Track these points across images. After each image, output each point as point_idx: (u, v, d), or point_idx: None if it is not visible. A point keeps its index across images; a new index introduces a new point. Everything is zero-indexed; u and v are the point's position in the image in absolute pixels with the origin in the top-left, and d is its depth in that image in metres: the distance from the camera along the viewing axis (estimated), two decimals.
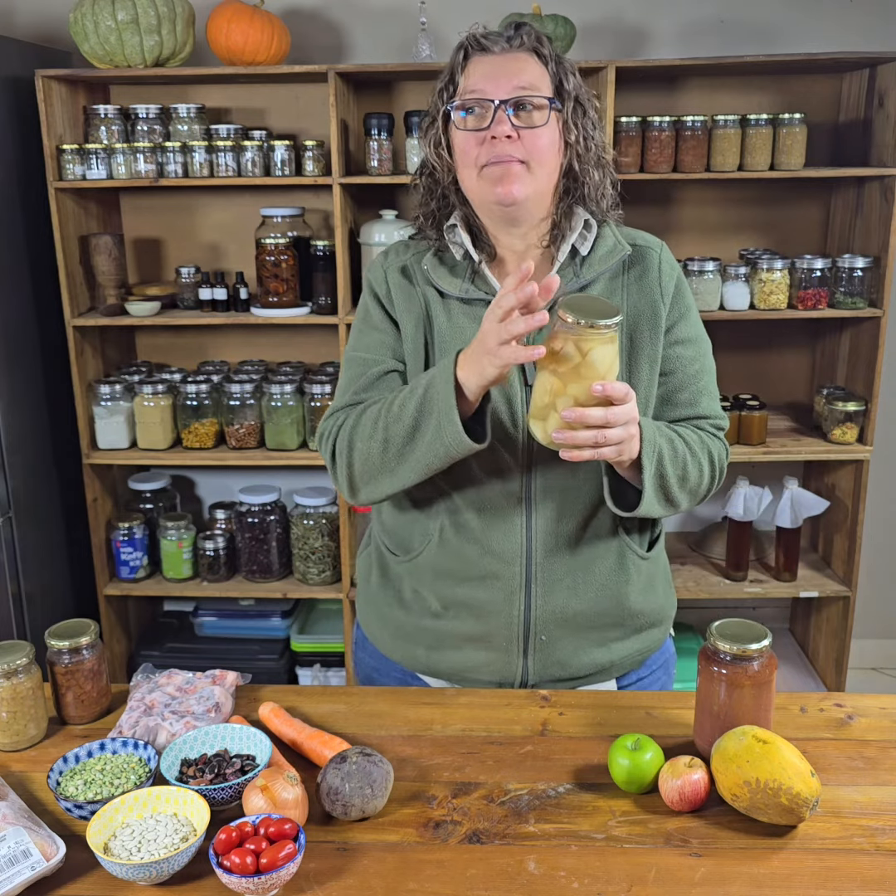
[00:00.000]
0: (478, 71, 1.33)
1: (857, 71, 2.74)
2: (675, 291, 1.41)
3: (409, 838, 1.14)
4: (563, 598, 1.43)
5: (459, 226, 1.41)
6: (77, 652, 1.36)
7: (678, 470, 1.34)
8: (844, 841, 1.13)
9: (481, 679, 1.48)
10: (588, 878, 1.07)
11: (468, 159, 1.33)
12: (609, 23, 2.85)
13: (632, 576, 1.46)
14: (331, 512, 2.90)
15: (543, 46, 1.34)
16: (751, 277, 2.70)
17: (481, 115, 1.32)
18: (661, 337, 1.39)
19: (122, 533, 2.91)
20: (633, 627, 1.49)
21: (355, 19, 2.87)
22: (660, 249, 1.43)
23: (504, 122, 1.29)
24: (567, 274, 1.38)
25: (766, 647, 1.20)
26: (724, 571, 2.95)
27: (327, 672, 3.05)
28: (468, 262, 1.40)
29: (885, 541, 3.23)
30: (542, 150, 1.32)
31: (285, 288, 2.73)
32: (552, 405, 1.18)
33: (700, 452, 1.39)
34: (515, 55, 1.33)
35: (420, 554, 1.46)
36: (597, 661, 1.47)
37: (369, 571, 1.57)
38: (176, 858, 1.05)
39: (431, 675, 1.52)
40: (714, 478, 1.42)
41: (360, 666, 1.64)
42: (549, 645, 1.44)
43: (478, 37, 1.34)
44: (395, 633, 1.52)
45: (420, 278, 1.42)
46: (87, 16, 2.54)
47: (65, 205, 2.67)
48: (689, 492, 1.38)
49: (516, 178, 1.30)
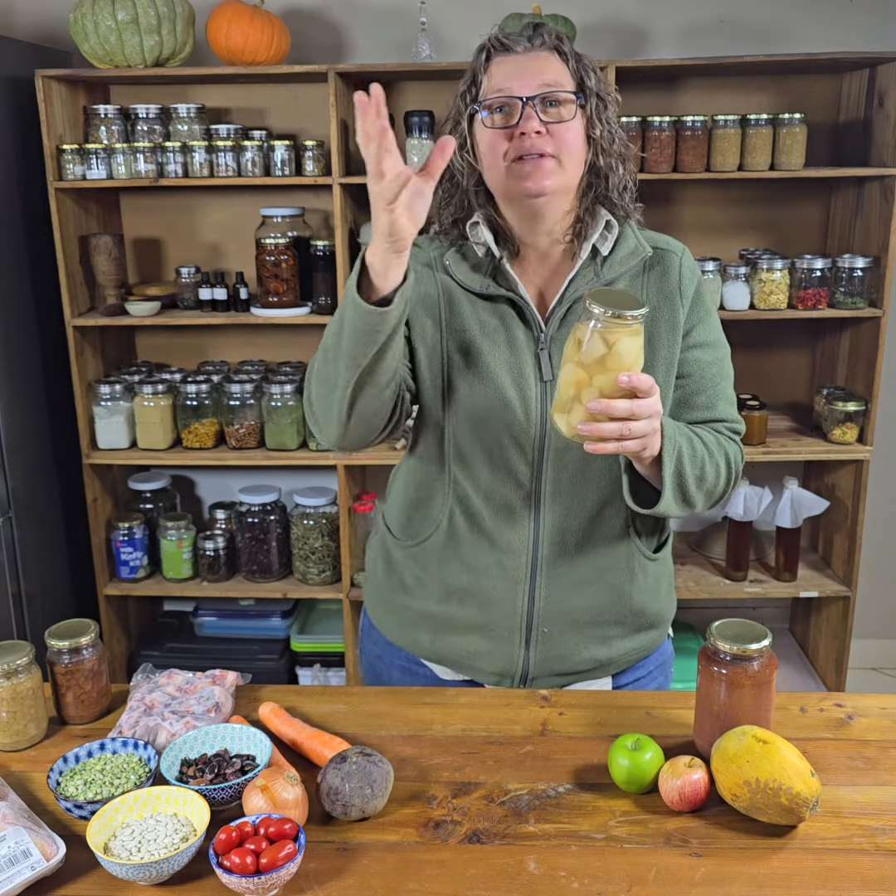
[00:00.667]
0: (501, 71, 1.34)
1: (857, 71, 2.74)
2: (695, 296, 1.42)
3: (409, 838, 1.14)
4: (566, 593, 1.43)
5: (482, 224, 1.41)
6: (77, 652, 1.36)
7: (696, 469, 1.34)
8: (844, 841, 1.13)
9: (483, 669, 1.48)
10: (588, 878, 1.07)
11: (496, 155, 1.33)
12: (609, 23, 2.85)
13: (637, 576, 1.46)
14: (331, 512, 2.90)
15: (564, 44, 1.35)
16: (751, 277, 2.70)
17: (508, 113, 1.32)
18: (678, 340, 1.40)
19: (122, 533, 2.91)
20: (634, 626, 1.49)
21: (355, 19, 2.87)
22: (681, 253, 1.43)
23: (532, 117, 1.30)
24: (588, 273, 1.39)
25: (766, 647, 1.20)
26: (724, 571, 2.95)
27: (327, 672, 3.05)
28: (489, 258, 1.41)
29: (885, 541, 3.23)
30: (571, 143, 1.32)
31: (285, 288, 2.73)
32: (577, 397, 1.18)
33: (717, 454, 1.39)
34: (537, 54, 1.34)
35: (427, 539, 1.47)
36: (596, 657, 1.48)
37: (377, 559, 1.59)
38: (176, 858, 1.05)
39: (436, 662, 1.53)
40: (730, 480, 1.42)
41: (365, 654, 1.65)
42: (551, 638, 1.45)
43: (500, 37, 1.35)
44: (401, 619, 1.53)
45: (441, 271, 1.43)
46: (87, 16, 2.54)
47: (65, 205, 2.67)
48: (705, 492, 1.38)
49: (547, 173, 1.31)
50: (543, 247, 1.40)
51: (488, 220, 1.41)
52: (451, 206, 1.43)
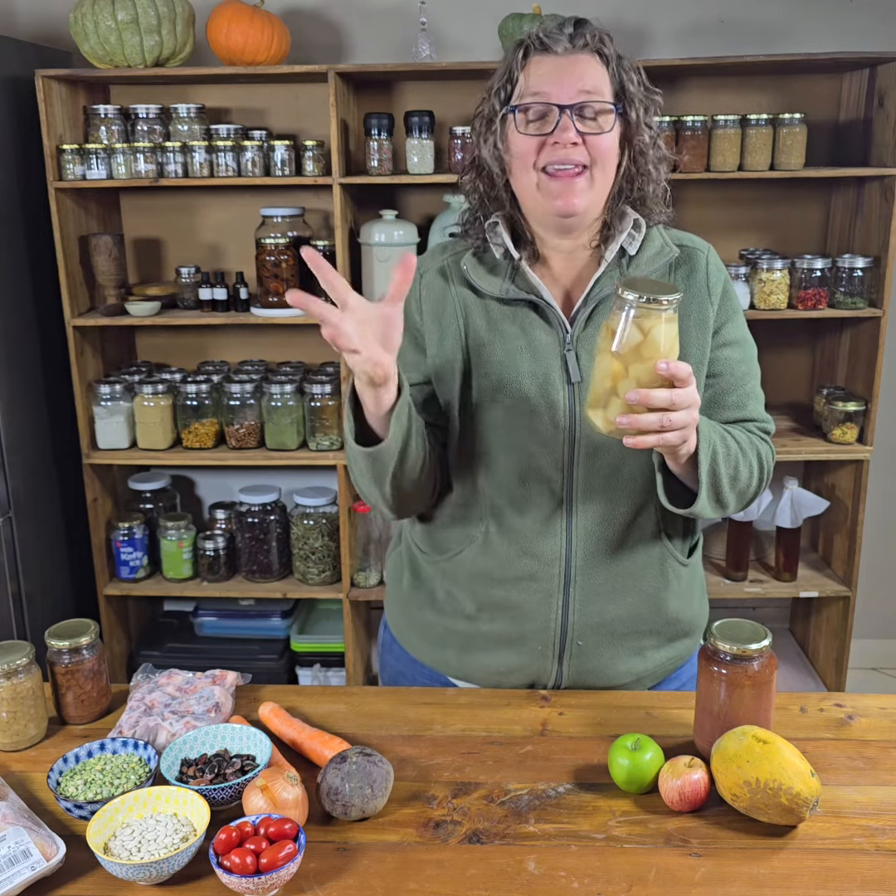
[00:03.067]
0: (539, 72, 1.29)
1: (857, 71, 2.74)
2: (723, 293, 1.39)
3: (409, 838, 1.14)
4: (601, 603, 1.40)
5: (501, 224, 1.38)
6: (77, 652, 1.36)
7: (730, 469, 1.31)
8: (844, 841, 1.13)
9: (514, 684, 1.46)
10: (588, 878, 1.07)
11: (527, 162, 1.30)
12: (609, 23, 2.82)
13: (671, 582, 1.44)
14: (331, 512, 2.90)
15: (606, 46, 1.31)
16: (751, 277, 2.70)
17: (544, 120, 1.29)
18: (708, 339, 1.37)
19: (122, 533, 2.90)
20: (668, 636, 1.46)
21: (355, 19, 2.87)
22: (706, 251, 1.41)
23: (569, 128, 1.26)
24: (614, 274, 1.36)
25: (766, 647, 1.20)
26: (724, 571, 2.95)
27: (327, 672, 3.05)
28: (508, 261, 1.38)
29: (885, 541, 3.22)
30: (605, 154, 1.29)
31: (285, 288, 2.73)
32: (613, 389, 1.15)
33: (750, 453, 1.36)
34: (578, 56, 1.29)
35: (458, 554, 1.44)
36: (632, 670, 1.45)
37: (401, 573, 1.55)
38: (176, 858, 1.05)
39: (463, 679, 1.50)
40: (762, 480, 1.39)
41: (386, 670, 1.62)
42: (586, 651, 1.42)
43: (540, 35, 1.29)
44: (425, 635, 1.50)
45: (457, 279, 1.40)
46: (87, 16, 2.54)
47: (65, 205, 2.67)
48: (738, 493, 1.35)
49: (578, 192, 1.28)
50: (567, 250, 1.38)
51: (508, 220, 1.38)
52: (487, 200, 1.39)
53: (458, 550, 1.44)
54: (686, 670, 1.53)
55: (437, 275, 1.41)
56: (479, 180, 1.38)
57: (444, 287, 1.40)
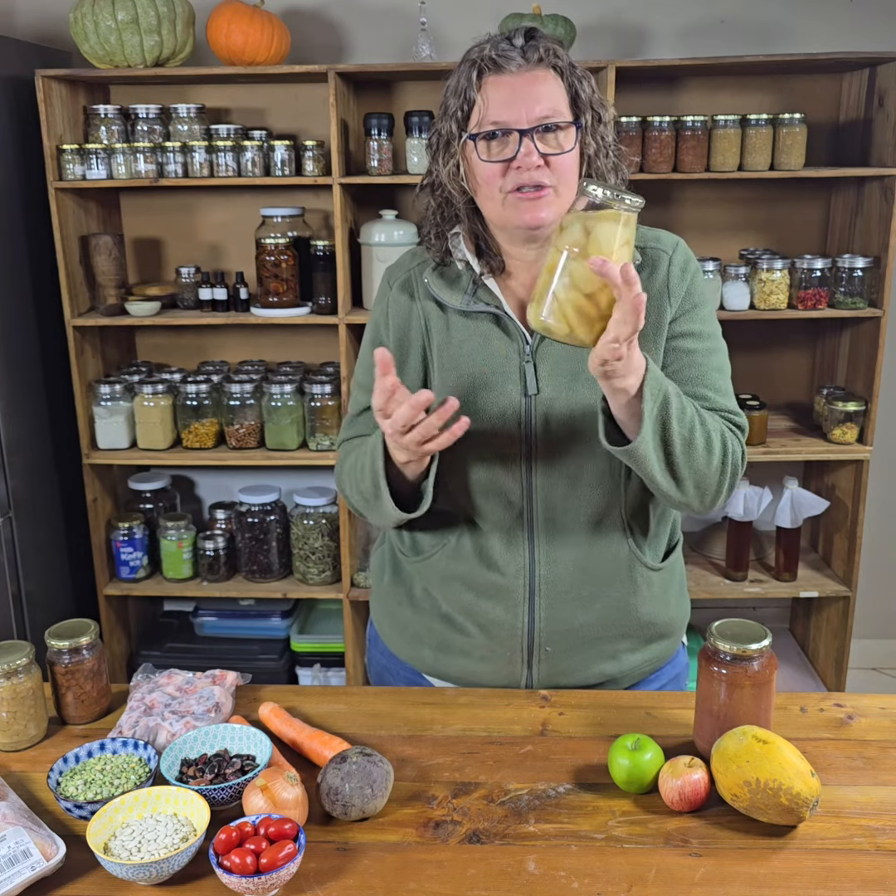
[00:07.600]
0: (497, 97, 1.27)
1: (857, 71, 2.74)
2: (687, 290, 1.37)
3: (409, 838, 1.14)
4: (568, 611, 1.41)
5: (462, 236, 1.39)
6: (77, 652, 1.36)
7: (684, 430, 1.24)
8: (844, 841, 1.13)
9: (487, 685, 1.47)
10: (588, 878, 1.07)
11: (492, 188, 1.29)
12: (609, 23, 2.85)
13: (640, 587, 1.43)
14: (331, 512, 2.90)
15: (560, 59, 1.29)
16: (751, 277, 2.70)
17: (505, 144, 1.28)
18: (663, 340, 1.36)
19: (122, 533, 2.90)
20: (644, 638, 1.46)
21: (355, 19, 2.87)
22: (672, 251, 1.38)
23: (531, 152, 1.26)
24: None
25: (766, 647, 1.20)
26: (724, 571, 2.95)
27: (327, 672, 3.05)
28: (470, 273, 1.39)
29: (885, 541, 3.23)
30: (569, 171, 1.30)
31: (285, 288, 2.73)
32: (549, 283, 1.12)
33: (713, 431, 1.29)
34: (533, 74, 1.27)
35: (431, 556, 1.46)
36: (605, 672, 1.46)
37: (383, 569, 1.57)
38: (176, 858, 1.05)
39: (438, 678, 1.52)
40: (724, 468, 1.31)
41: (372, 665, 1.64)
42: (554, 656, 1.43)
43: (493, 56, 1.27)
44: (404, 631, 1.52)
45: (421, 291, 1.41)
46: (87, 16, 2.54)
47: (65, 205, 2.67)
48: (694, 469, 1.27)
49: (544, 205, 1.28)
50: (531, 260, 1.37)
51: (471, 232, 1.39)
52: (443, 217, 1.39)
53: (432, 553, 1.46)
54: (667, 671, 1.54)
55: (402, 290, 1.43)
56: (437, 198, 1.39)
57: (408, 303, 1.42)
